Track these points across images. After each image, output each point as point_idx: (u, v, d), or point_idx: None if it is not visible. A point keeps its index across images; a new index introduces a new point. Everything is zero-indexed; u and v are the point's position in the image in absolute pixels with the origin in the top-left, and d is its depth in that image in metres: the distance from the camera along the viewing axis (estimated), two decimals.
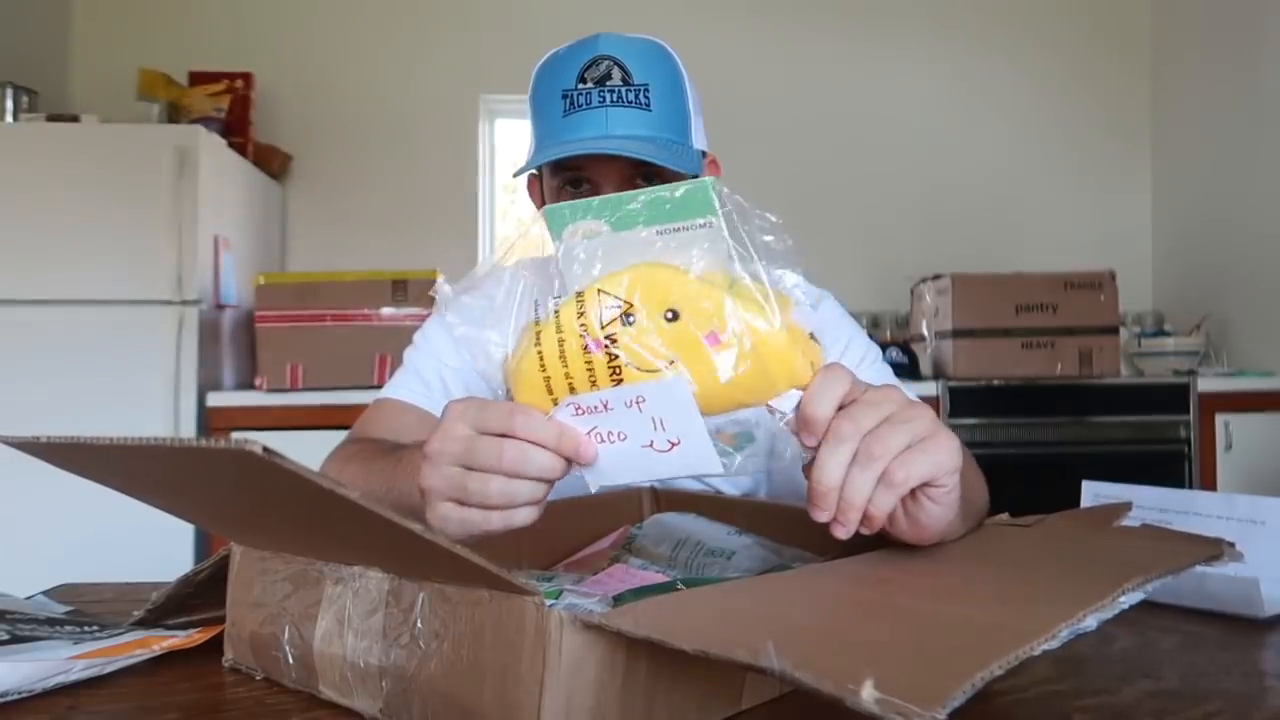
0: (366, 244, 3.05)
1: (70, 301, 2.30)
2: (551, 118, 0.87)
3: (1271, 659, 0.59)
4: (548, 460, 0.51)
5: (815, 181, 3.19)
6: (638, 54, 0.88)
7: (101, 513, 1.98)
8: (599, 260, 0.52)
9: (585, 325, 0.51)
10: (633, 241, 0.52)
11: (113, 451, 0.44)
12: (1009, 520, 0.64)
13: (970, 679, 0.30)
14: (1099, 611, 0.40)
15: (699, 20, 3.14)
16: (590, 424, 0.52)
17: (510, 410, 0.52)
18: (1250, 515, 0.72)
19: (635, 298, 0.51)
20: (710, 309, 0.50)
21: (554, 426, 0.51)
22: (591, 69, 0.86)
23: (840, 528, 0.49)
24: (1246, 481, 2.52)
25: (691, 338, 0.50)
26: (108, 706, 0.50)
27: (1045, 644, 0.35)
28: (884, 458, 0.48)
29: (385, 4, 3.15)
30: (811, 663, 0.32)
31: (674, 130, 0.88)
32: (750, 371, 0.50)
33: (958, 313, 2.56)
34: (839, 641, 0.36)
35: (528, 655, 0.40)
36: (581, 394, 0.51)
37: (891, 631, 0.38)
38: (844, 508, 0.49)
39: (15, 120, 2.47)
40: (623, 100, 0.85)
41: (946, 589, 0.47)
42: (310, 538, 0.50)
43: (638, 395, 0.50)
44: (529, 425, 0.51)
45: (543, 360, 0.52)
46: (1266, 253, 2.75)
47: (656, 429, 0.51)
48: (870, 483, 0.48)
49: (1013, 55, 3.27)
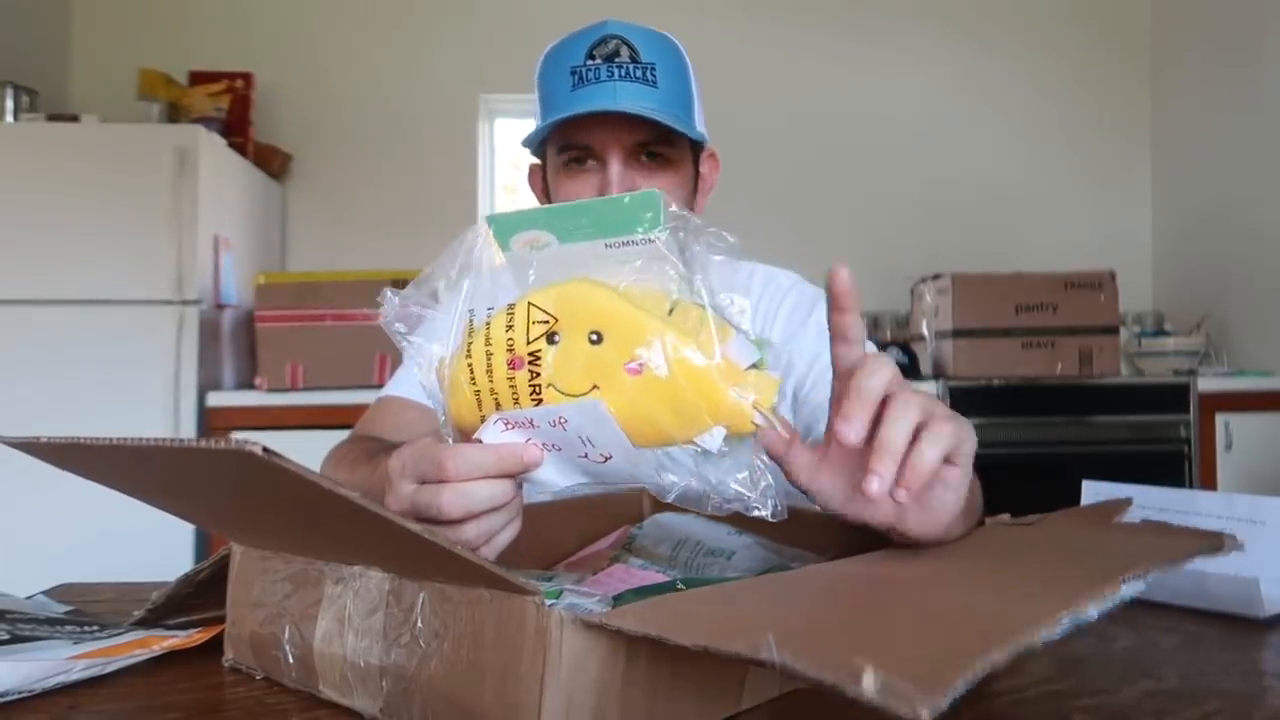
0: (366, 244, 3.05)
1: (70, 301, 2.30)
2: (559, 93, 0.88)
3: (1271, 659, 0.59)
4: (489, 491, 0.50)
5: (815, 181, 3.19)
6: (645, 37, 0.89)
7: (101, 513, 1.98)
8: (534, 271, 0.50)
9: (512, 341, 0.49)
10: (578, 255, 0.49)
11: (112, 452, 0.44)
12: (1010, 520, 0.64)
13: (972, 667, 0.30)
14: (1100, 601, 0.40)
15: (699, 20, 3.14)
16: (523, 437, 0.50)
17: (440, 458, 0.50)
18: (1250, 515, 0.72)
19: (562, 316, 0.48)
20: (635, 335, 0.47)
21: (489, 454, 0.50)
22: (600, 46, 0.87)
23: (901, 491, 0.47)
24: (1246, 481, 2.52)
25: (613, 364, 0.47)
26: (108, 706, 0.50)
27: (1047, 634, 0.35)
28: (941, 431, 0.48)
29: (385, 4, 3.15)
30: (811, 654, 0.32)
31: (679, 110, 0.89)
32: (671, 406, 0.47)
33: (958, 313, 2.56)
34: (838, 634, 0.36)
35: (528, 655, 0.40)
36: (508, 410, 0.50)
37: (891, 623, 0.38)
38: (908, 472, 0.47)
39: (15, 120, 2.47)
40: (630, 76, 0.86)
41: (947, 582, 0.47)
42: (310, 538, 0.50)
43: (560, 415, 0.48)
44: (460, 466, 0.49)
45: (472, 373, 0.50)
46: (1266, 253, 2.75)
47: (586, 444, 0.49)
48: (937, 452, 0.47)
49: (1013, 55, 3.27)
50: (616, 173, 0.87)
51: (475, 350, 0.50)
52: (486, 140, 3.22)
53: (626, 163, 0.88)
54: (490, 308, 0.51)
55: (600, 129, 0.87)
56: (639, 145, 0.88)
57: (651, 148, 0.89)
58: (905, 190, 3.22)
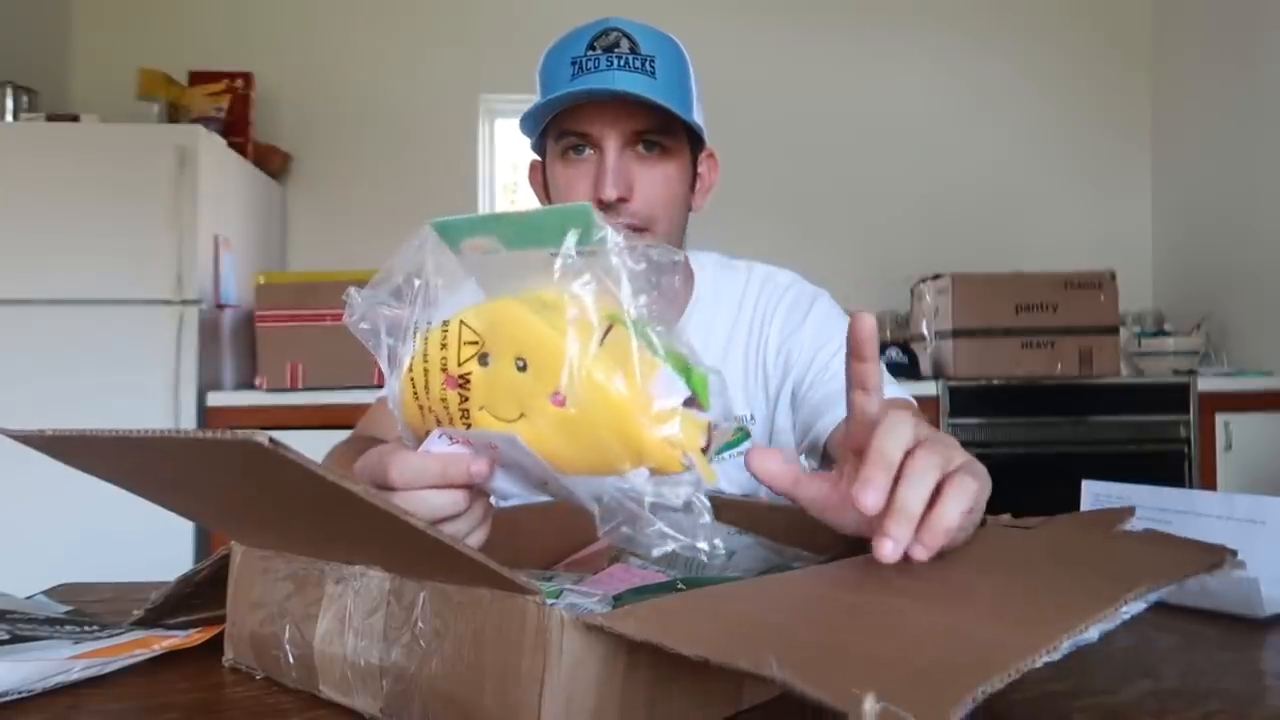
0: (366, 244, 3.05)
1: (70, 301, 2.30)
2: (559, 82, 0.88)
3: (1271, 659, 0.59)
4: (438, 500, 0.49)
5: (815, 181, 3.19)
6: (646, 32, 0.90)
7: (101, 512, 1.98)
8: (479, 278, 0.48)
9: (445, 359, 0.48)
10: (524, 262, 0.47)
11: (116, 444, 0.44)
12: (1011, 522, 0.64)
13: (971, 692, 0.31)
14: (1101, 623, 0.40)
15: (699, 19, 3.14)
16: (467, 451, 0.49)
17: (386, 465, 0.49)
18: (1250, 515, 0.72)
19: (491, 338, 0.46)
20: (556, 365, 0.44)
21: (433, 463, 0.49)
22: (601, 38, 0.88)
23: (920, 549, 0.47)
24: (1246, 481, 2.52)
25: (537, 393, 0.45)
26: (108, 706, 0.50)
27: (1046, 657, 0.35)
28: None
29: (385, 4, 3.15)
30: (814, 675, 0.32)
31: (677, 101, 0.89)
32: (589, 442, 0.45)
33: (958, 313, 2.56)
34: (841, 653, 0.36)
35: (528, 655, 0.40)
36: (446, 427, 0.49)
37: (893, 644, 0.38)
38: (926, 534, 0.46)
39: (15, 120, 2.47)
40: (630, 66, 0.87)
41: (948, 596, 0.47)
42: (312, 532, 0.50)
43: (489, 440, 0.47)
44: (404, 474, 0.49)
45: (414, 388, 0.50)
46: (1266, 252, 2.75)
47: (521, 468, 0.48)
48: (958, 511, 0.47)
49: (1013, 55, 3.27)
50: (613, 159, 0.88)
51: (416, 366, 0.49)
52: (486, 140, 3.22)
53: (623, 150, 0.88)
54: (429, 322, 0.49)
55: (598, 115, 0.88)
56: (636, 134, 0.89)
57: (649, 136, 0.89)
58: (905, 190, 3.22)
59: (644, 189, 0.89)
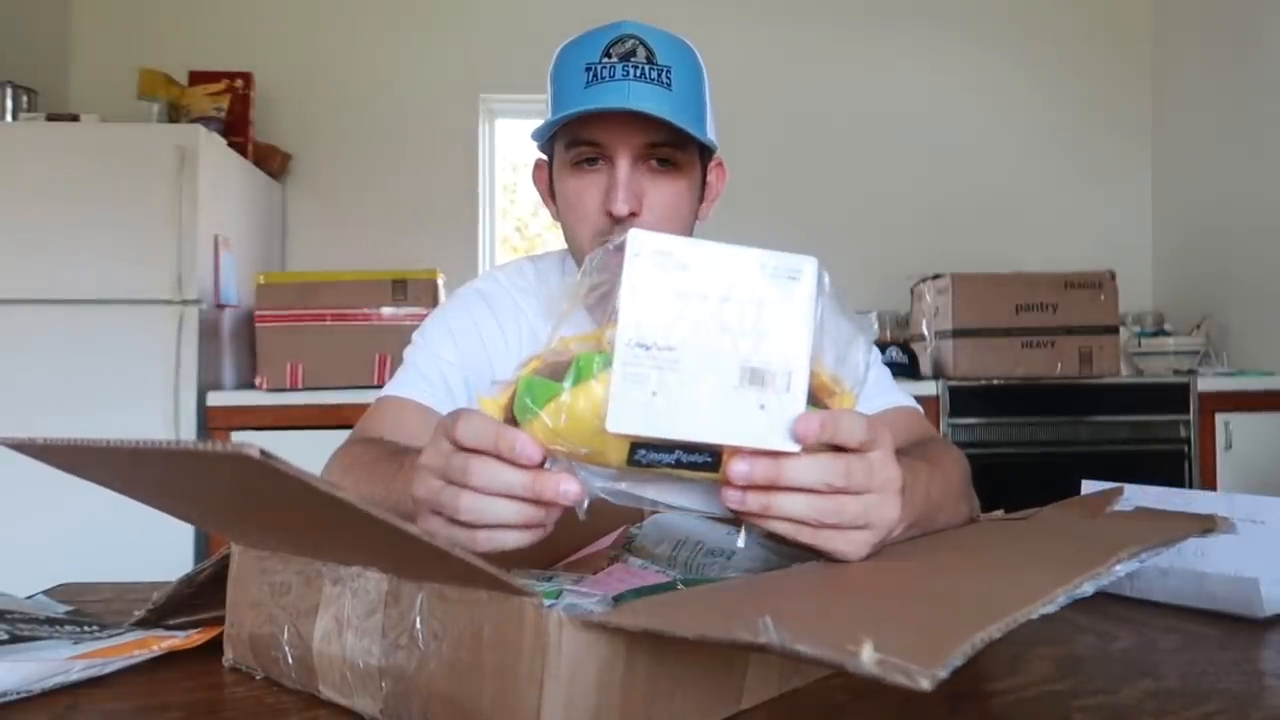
0: (366, 244, 3.05)
1: (70, 301, 2.30)
2: (572, 89, 0.87)
3: (1271, 659, 0.59)
4: (511, 509, 0.49)
5: (815, 181, 3.19)
6: (663, 39, 0.88)
7: (101, 513, 1.98)
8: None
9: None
10: None
11: (110, 454, 0.44)
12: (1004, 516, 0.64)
13: (969, 640, 0.30)
14: (1095, 579, 0.39)
15: (700, 19, 3.13)
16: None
17: (467, 466, 0.49)
18: (1250, 515, 0.72)
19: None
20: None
21: (521, 476, 0.49)
22: (617, 45, 0.86)
23: (754, 499, 0.49)
24: (1246, 481, 2.52)
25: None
26: (108, 706, 0.50)
27: (1043, 608, 0.35)
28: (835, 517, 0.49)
29: (385, 4, 3.15)
30: (809, 634, 0.32)
31: (692, 115, 0.88)
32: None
33: (958, 312, 2.56)
34: (836, 615, 0.36)
35: (527, 656, 0.40)
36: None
37: (888, 604, 0.39)
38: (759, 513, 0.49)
39: (15, 120, 2.47)
40: (646, 77, 0.85)
41: (943, 567, 0.48)
42: (308, 539, 0.50)
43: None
44: (484, 479, 0.49)
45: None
46: (1266, 253, 2.75)
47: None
48: (799, 512, 0.49)
49: (1013, 55, 3.27)
50: (625, 173, 0.87)
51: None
52: (486, 140, 3.22)
53: (635, 164, 0.88)
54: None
55: (611, 127, 0.86)
56: (649, 147, 0.88)
57: (661, 150, 0.88)
58: (905, 190, 3.22)
59: (654, 204, 0.88)
